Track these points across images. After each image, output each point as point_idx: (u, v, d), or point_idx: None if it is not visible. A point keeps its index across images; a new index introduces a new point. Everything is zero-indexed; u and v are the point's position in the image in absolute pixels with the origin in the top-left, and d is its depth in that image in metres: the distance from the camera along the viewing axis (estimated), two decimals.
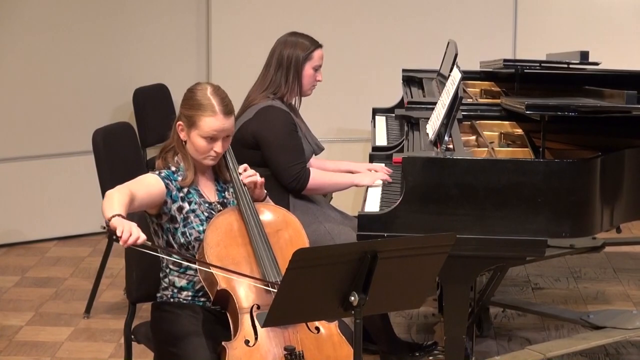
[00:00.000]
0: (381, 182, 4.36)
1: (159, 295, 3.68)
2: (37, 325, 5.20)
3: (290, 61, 4.49)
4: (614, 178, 4.05)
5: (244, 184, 3.63)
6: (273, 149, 4.38)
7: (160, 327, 3.60)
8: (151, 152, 6.39)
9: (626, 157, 4.10)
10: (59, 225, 6.56)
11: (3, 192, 6.40)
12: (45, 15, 6.38)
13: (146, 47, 6.67)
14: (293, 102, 4.60)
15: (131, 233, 3.23)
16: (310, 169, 4.43)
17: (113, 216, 3.28)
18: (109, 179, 5.20)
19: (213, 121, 3.55)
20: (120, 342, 4.82)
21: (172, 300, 3.63)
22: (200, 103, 3.56)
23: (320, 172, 4.52)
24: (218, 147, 3.57)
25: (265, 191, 3.74)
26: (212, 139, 3.56)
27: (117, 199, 3.37)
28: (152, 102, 6.44)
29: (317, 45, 4.56)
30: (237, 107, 3.97)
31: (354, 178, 4.49)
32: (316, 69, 4.54)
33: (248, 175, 3.65)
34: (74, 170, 6.50)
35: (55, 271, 6.00)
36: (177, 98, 6.56)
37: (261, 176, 3.69)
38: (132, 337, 3.82)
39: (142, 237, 3.27)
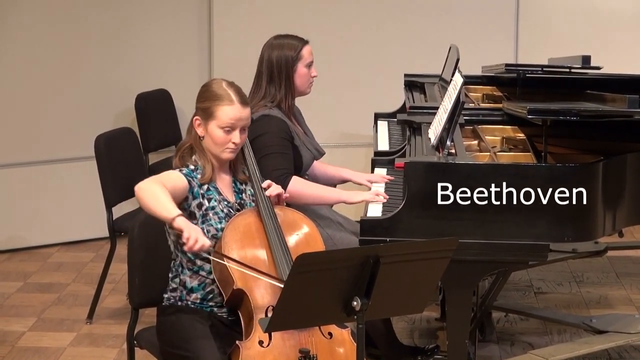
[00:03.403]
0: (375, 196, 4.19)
1: (166, 296, 3.67)
2: (40, 330, 5.19)
3: (280, 65, 4.41)
4: (616, 182, 4.05)
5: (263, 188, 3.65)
6: (262, 154, 4.28)
7: (167, 330, 3.60)
8: (153, 158, 6.39)
9: (628, 162, 4.10)
10: (61, 231, 6.56)
11: (5, 197, 6.40)
12: (46, 21, 6.38)
13: (148, 52, 6.68)
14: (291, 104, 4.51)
15: (197, 240, 3.31)
16: (293, 177, 4.28)
17: (176, 216, 3.34)
18: (111, 184, 5.20)
19: (230, 110, 3.58)
20: (123, 348, 4.82)
21: (179, 303, 3.62)
22: (217, 93, 3.61)
23: (303, 181, 4.34)
24: (236, 137, 3.59)
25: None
26: (229, 129, 3.58)
27: (164, 195, 3.39)
28: (154, 107, 6.43)
29: (304, 42, 4.47)
30: None
31: (341, 195, 4.30)
32: (309, 65, 4.47)
33: (272, 190, 3.66)
34: (76, 176, 6.50)
35: (58, 277, 6.00)
36: (179, 103, 6.59)
37: None
38: (135, 342, 3.82)
39: (207, 243, 3.34)
